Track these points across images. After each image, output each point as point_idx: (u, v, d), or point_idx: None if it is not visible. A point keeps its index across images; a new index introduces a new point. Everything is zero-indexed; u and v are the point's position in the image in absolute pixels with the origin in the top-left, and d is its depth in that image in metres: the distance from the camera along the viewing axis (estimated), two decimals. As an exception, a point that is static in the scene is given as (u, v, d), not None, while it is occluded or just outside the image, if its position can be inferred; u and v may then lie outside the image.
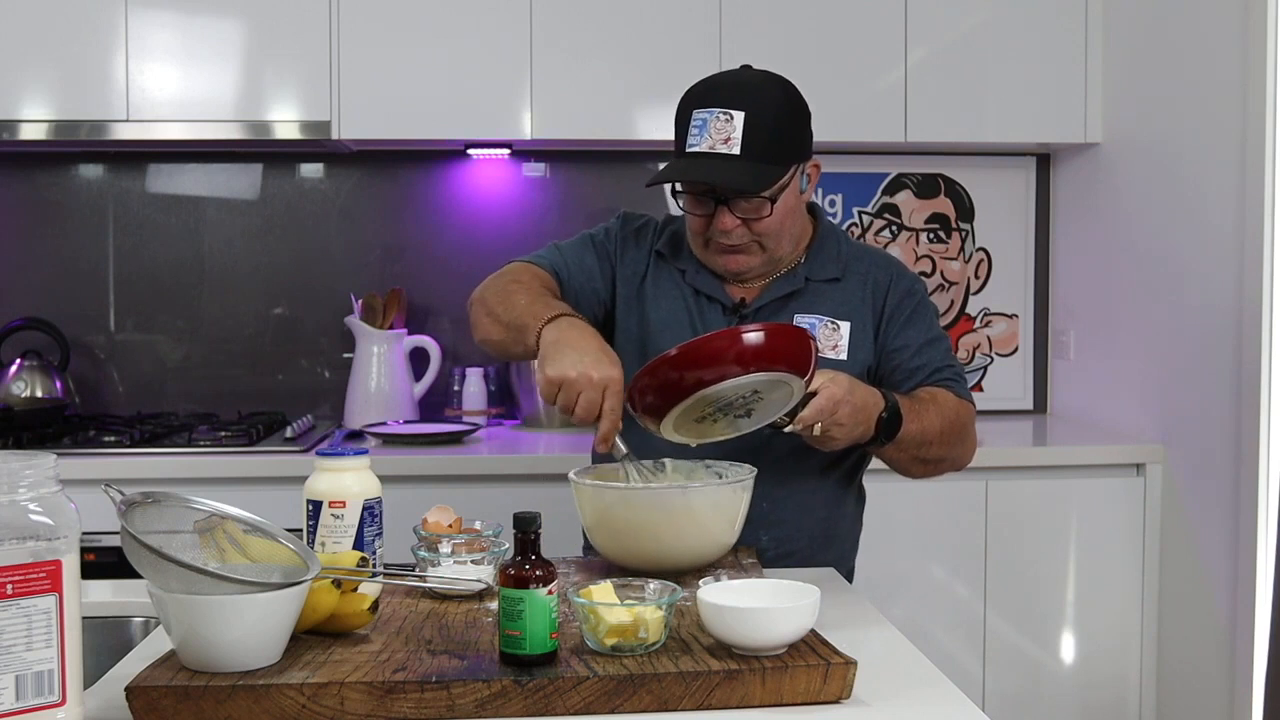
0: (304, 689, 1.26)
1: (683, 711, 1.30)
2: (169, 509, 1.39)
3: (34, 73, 3.03)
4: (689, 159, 1.84)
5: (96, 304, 3.45)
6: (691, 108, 1.85)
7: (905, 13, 3.19)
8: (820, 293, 1.96)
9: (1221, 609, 2.74)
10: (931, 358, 1.95)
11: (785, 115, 1.85)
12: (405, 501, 2.05)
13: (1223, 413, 2.73)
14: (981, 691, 2.96)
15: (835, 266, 1.98)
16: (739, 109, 1.81)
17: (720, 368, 1.61)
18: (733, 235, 1.87)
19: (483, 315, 1.91)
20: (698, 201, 1.88)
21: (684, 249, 1.99)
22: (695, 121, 1.83)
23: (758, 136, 1.80)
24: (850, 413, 1.72)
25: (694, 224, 1.91)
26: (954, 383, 1.94)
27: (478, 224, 3.47)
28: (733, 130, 1.80)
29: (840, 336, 1.93)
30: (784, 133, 1.85)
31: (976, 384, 3.61)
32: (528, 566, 1.34)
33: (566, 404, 1.67)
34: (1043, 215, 3.61)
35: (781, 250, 1.93)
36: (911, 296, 1.99)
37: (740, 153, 1.80)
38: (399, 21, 3.08)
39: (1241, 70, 2.65)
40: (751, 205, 1.85)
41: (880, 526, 2.93)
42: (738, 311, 1.95)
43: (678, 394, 1.63)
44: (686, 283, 1.97)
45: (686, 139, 1.84)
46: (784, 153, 1.85)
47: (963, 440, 1.94)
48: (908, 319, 1.97)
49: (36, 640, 1.18)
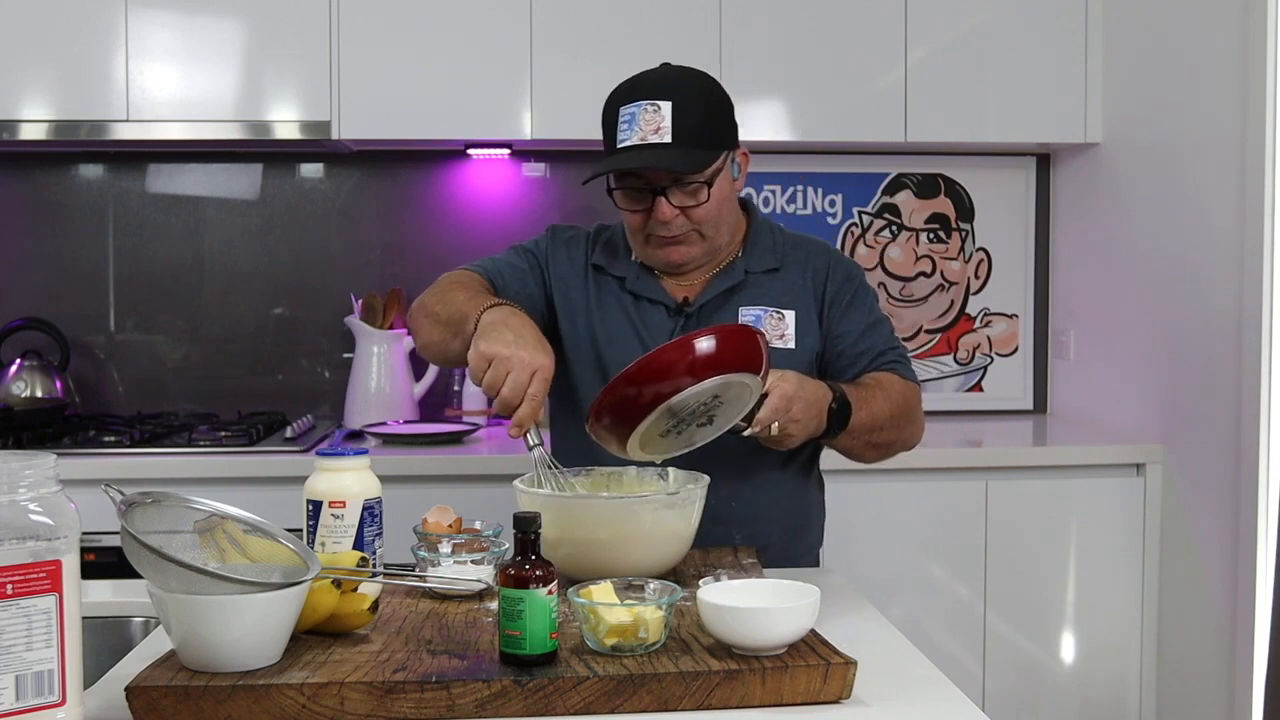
0: (304, 689, 1.26)
1: (683, 711, 1.30)
2: (169, 509, 1.39)
3: (34, 73, 3.03)
4: (621, 153, 1.85)
5: (96, 304, 3.45)
6: (618, 105, 1.87)
7: (905, 13, 3.19)
8: (761, 284, 1.98)
9: (1221, 609, 2.74)
10: (875, 342, 1.98)
11: (711, 103, 1.88)
12: (405, 501, 2.05)
13: (1223, 413, 2.73)
14: (981, 691, 2.96)
15: (773, 257, 2.00)
16: (665, 99, 1.83)
17: (676, 378, 1.59)
18: (672, 225, 1.88)
19: (421, 319, 1.91)
20: (634, 197, 1.89)
21: (620, 256, 2.00)
22: (623, 117, 1.85)
23: (687, 123, 1.83)
24: (804, 408, 1.74)
25: (632, 221, 1.92)
26: (899, 365, 1.98)
27: (478, 224, 3.47)
28: (661, 120, 1.82)
29: (786, 326, 1.96)
30: (711, 119, 1.87)
31: (977, 384, 3.61)
32: (528, 566, 1.34)
33: (494, 381, 1.66)
34: (1043, 215, 3.61)
35: (720, 239, 1.95)
36: (850, 282, 2.01)
37: (672, 140, 1.82)
38: (399, 21, 3.08)
39: (1241, 70, 2.65)
40: (688, 193, 1.86)
41: (880, 526, 2.95)
42: (681, 311, 1.96)
43: (639, 411, 1.62)
44: (626, 290, 1.98)
45: (616, 135, 1.86)
46: (714, 138, 1.88)
47: (911, 421, 1.97)
48: (849, 304, 1.99)
49: (36, 640, 1.18)
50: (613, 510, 1.64)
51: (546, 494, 1.69)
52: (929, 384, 3.59)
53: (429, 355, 1.94)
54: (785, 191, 3.55)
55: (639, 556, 1.62)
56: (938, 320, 3.60)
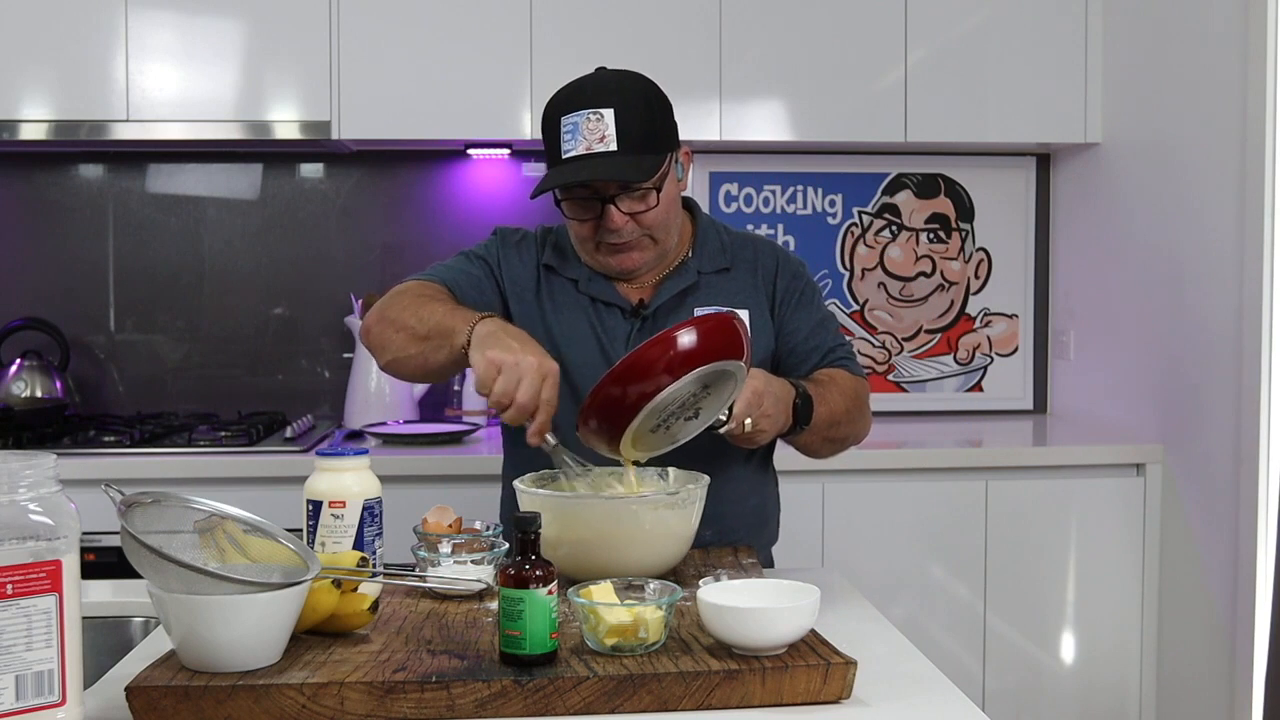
0: (304, 689, 1.26)
1: (683, 711, 1.30)
2: (169, 509, 1.39)
3: (34, 73, 3.03)
4: (567, 164, 1.84)
5: (96, 304, 3.45)
6: (558, 114, 1.86)
7: (905, 13, 3.19)
8: (713, 284, 1.99)
9: (1221, 609, 2.74)
10: (824, 339, 2.01)
11: (652, 106, 1.88)
12: (405, 501, 2.05)
13: (1223, 413, 2.73)
14: (981, 691, 2.96)
15: (723, 257, 2.01)
16: (607, 107, 1.82)
17: (659, 376, 1.59)
18: (623, 232, 1.87)
19: (390, 334, 1.87)
20: (583, 206, 1.88)
21: (570, 259, 2.00)
22: (566, 127, 1.83)
23: (631, 129, 1.82)
24: (773, 403, 1.76)
25: (580, 230, 1.91)
26: (847, 361, 2.01)
27: (478, 224, 3.46)
28: (605, 128, 1.82)
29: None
30: (654, 122, 1.87)
31: (977, 384, 3.61)
32: (528, 566, 1.34)
33: (506, 389, 1.65)
34: (1043, 215, 3.61)
35: (670, 242, 1.95)
36: (799, 279, 2.04)
37: (618, 148, 1.81)
38: (399, 21, 3.08)
39: (1241, 70, 2.65)
40: (637, 198, 1.86)
41: (880, 526, 2.95)
42: (638, 314, 1.96)
43: (627, 411, 1.61)
44: (582, 292, 1.98)
45: (560, 145, 1.85)
46: (658, 141, 1.87)
47: (862, 415, 2.00)
48: (798, 302, 2.02)
49: (36, 640, 1.18)
50: (613, 510, 1.64)
51: (545, 494, 1.69)
52: (929, 384, 3.59)
53: (399, 370, 1.90)
54: (785, 191, 3.55)
55: (639, 556, 1.63)
56: (938, 320, 3.60)
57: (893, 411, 3.55)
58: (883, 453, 3.00)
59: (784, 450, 2.09)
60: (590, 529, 1.63)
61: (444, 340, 1.78)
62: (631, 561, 1.61)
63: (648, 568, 1.61)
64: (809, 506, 2.89)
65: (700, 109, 3.14)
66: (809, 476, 2.88)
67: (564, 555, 1.62)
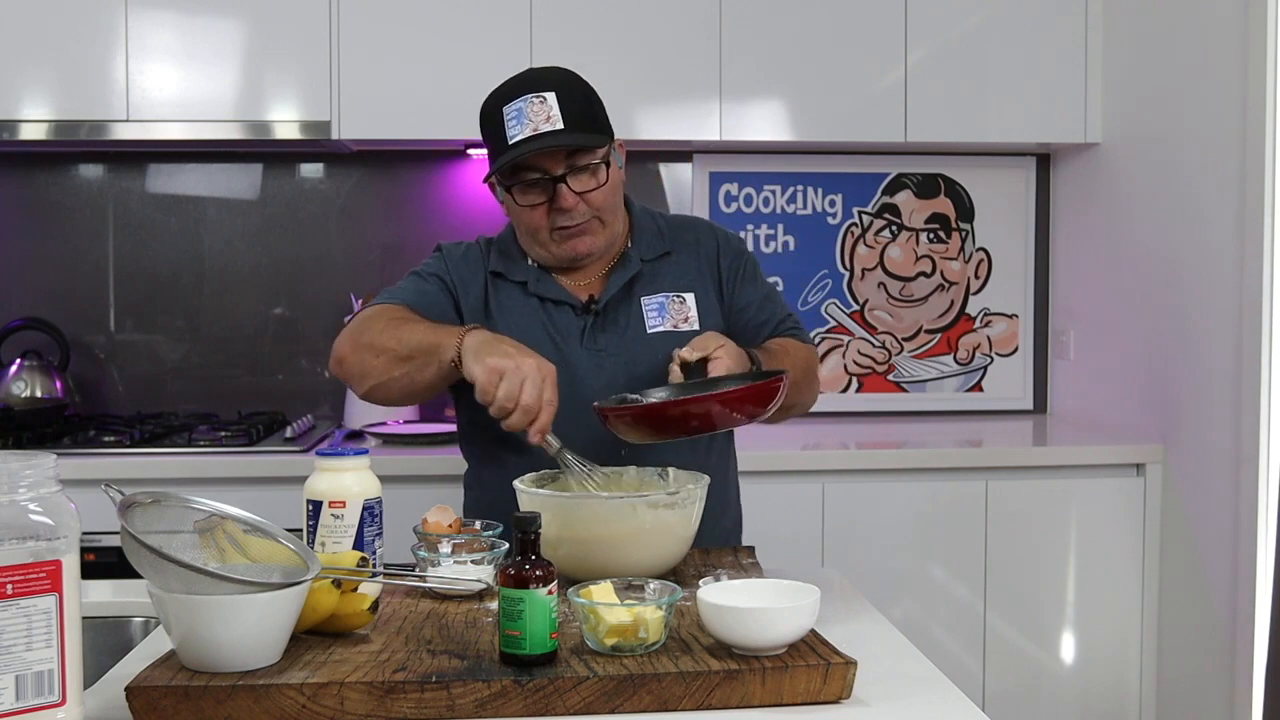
0: (304, 689, 1.26)
1: (683, 711, 1.30)
2: (169, 509, 1.39)
3: (34, 73, 3.03)
4: (517, 147, 1.86)
5: (96, 304, 3.45)
6: (499, 105, 1.88)
7: (905, 13, 3.19)
8: (656, 271, 2.02)
9: (1221, 609, 2.74)
10: (773, 312, 2.05)
11: (589, 93, 1.94)
12: (405, 501, 2.05)
13: (1223, 413, 2.73)
14: (981, 691, 2.96)
15: (662, 242, 2.04)
16: (548, 90, 1.86)
17: (717, 420, 1.70)
18: (574, 214, 1.90)
19: (369, 359, 1.87)
20: (534, 191, 1.90)
21: (516, 261, 2.01)
22: (510, 114, 1.86)
23: (575, 109, 1.86)
24: (733, 351, 1.79)
25: (530, 218, 1.92)
26: (797, 331, 2.06)
27: (478, 224, 3.45)
28: (550, 109, 1.85)
29: (689, 309, 2.00)
30: (594, 106, 1.92)
31: (977, 384, 3.61)
32: (528, 566, 1.34)
33: (510, 393, 1.67)
34: (1043, 215, 3.61)
35: (616, 226, 1.98)
36: (740, 256, 2.07)
37: (564, 126, 1.85)
38: (399, 21, 3.08)
39: (1241, 70, 2.65)
40: (588, 174, 1.89)
41: (880, 526, 2.95)
42: (589, 309, 1.97)
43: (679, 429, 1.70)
44: (531, 294, 1.99)
45: (506, 134, 1.87)
46: (600, 124, 1.92)
47: (811, 384, 2.04)
48: (743, 278, 2.05)
49: (36, 640, 1.18)
50: (613, 510, 1.64)
51: (546, 494, 1.69)
52: (929, 384, 3.59)
53: (383, 394, 1.90)
54: (785, 191, 3.55)
55: (639, 556, 1.63)
56: (938, 320, 3.60)
57: (893, 411, 3.55)
58: (883, 453, 3.00)
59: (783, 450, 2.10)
60: (591, 529, 1.63)
61: (430, 358, 1.79)
62: (632, 561, 1.61)
63: (648, 568, 1.61)
64: (809, 506, 2.89)
65: (700, 109, 3.14)
66: (809, 476, 2.88)
67: (564, 555, 1.63)
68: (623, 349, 1.95)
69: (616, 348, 1.95)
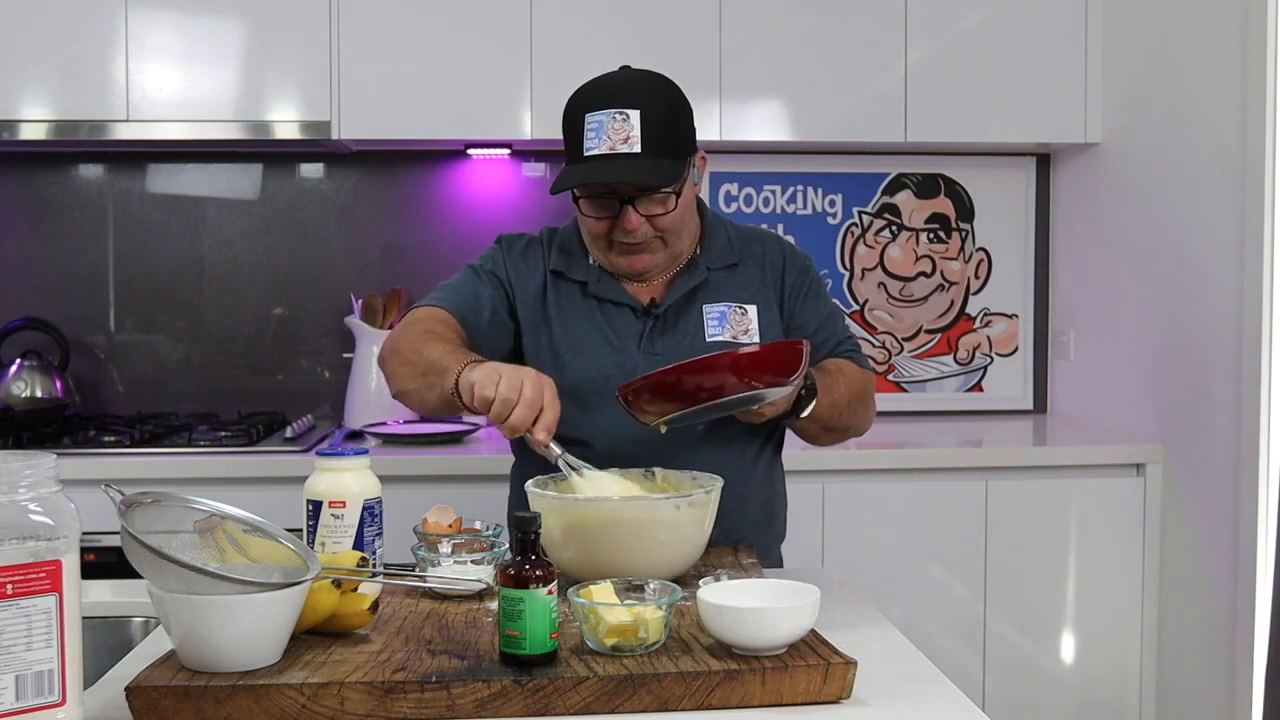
0: (304, 689, 1.26)
1: (683, 711, 1.30)
2: (169, 509, 1.39)
3: (34, 73, 3.03)
4: (590, 162, 1.83)
5: (96, 304, 3.45)
6: (583, 111, 1.85)
7: (905, 13, 3.19)
8: (722, 281, 2.00)
9: (1221, 609, 2.74)
10: (833, 332, 2.03)
11: (675, 109, 1.88)
12: (405, 501, 2.05)
13: (1223, 413, 2.73)
14: (981, 691, 2.96)
15: (730, 253, 2.02)
16: (633, 108, 1.82)
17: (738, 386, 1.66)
18: (637, 234, 1.88)
19: (398, 366, 1.88)
20: (601, 204, 1.88)
21: (577, 259, 1.99)
22: (590, 125, 1.83)
23: (655, 132, 1.82)
24: None
25: (595, 227, 1.91)
26: (855, 353, 2.04)
27: (478, 224, 3.47)
28: (630, 129, 1.82)
29: (750, 320, 1.98)
30: (677, 126, 1.88)
31: (977, 384, 3.61)
32: (528, 566, 1.34)
33: (512, 385, 1.64)
34: (1043, 215, 3.61)
35: (681, 245, 1.96)
36: (806, 274, 2.05)
37: (641, 150, 1.81)
38: (399, 21, 3.08)
39: (1241, 70, 2.65)
40: (656, 201, 1.87)
41: (880, 526, 2.95)
42: (650, 313, 1.96)
43: (689, 400, 1.67)
44: (590, 295, 1.97)
45: (583, 143, 1.84)
46: (680, 146, 1.88)
47: (866, 407, 2.02)
48: (806, 295, 2.03)
49: (36, 640, 1.18)
50: (626, 514, 1.62)
51: (555, 496, 1.68)
52: (929, 384, 3.59)
53: (406, 402, 1.90)
54: (785, 191, 3.55)
55: (650, 561, 1.60)
56: (938, 320, 3.60)
57: (893, 411, 3.55)
58: (883, 453, 3.00)
59: (785, 449, 2.09)
60: (603, 533, 1.61)
61: (436, 380, 1.77)
62: (644, 566, 1.58)
63: (660, 573, 1.58)
64: (809, 506, 2.89)
65: (700, 109, 3.08)
66: (809, 476, 2.88)
67: (571, 559, 1.62)
68: (680, 355, 1.87)
69: (674, 353, 1.90)
